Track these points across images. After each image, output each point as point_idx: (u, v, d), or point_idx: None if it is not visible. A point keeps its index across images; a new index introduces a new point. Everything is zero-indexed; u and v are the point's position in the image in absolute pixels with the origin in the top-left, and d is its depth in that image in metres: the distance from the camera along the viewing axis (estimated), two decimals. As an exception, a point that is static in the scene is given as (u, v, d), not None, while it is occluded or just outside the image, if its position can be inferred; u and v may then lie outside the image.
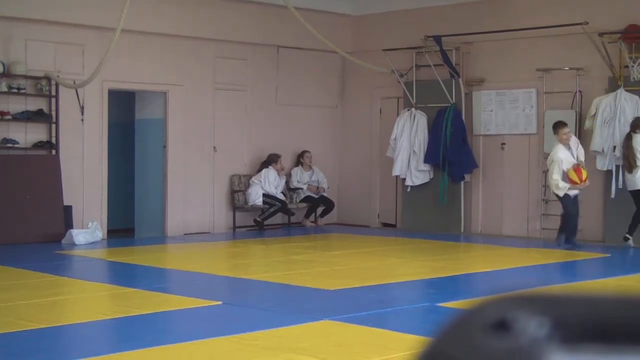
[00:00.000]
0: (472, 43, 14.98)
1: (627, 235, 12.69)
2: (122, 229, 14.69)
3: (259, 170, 15.33)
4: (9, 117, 12.93)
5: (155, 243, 13.82)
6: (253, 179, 15.27)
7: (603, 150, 13.14)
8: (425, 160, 15.14)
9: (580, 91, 13.84)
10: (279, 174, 15.39)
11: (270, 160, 15.34)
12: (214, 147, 15.10)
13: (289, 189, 15.95)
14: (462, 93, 14.96)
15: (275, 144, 15.73)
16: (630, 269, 10.84)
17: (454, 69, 14.84)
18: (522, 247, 13.00)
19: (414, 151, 15.14)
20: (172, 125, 14.63)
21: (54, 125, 13.30)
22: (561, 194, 12.40)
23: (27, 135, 13.18)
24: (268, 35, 15.53)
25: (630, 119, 12.92)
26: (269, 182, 15.19)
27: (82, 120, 13.67)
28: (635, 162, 12.50)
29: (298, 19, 13.47)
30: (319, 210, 16.22)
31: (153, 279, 9.84)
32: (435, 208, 15.19)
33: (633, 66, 13.06)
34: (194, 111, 14.84)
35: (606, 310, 0.76)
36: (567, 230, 12.65)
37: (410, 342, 6.03)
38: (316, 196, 16.03)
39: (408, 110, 15.39)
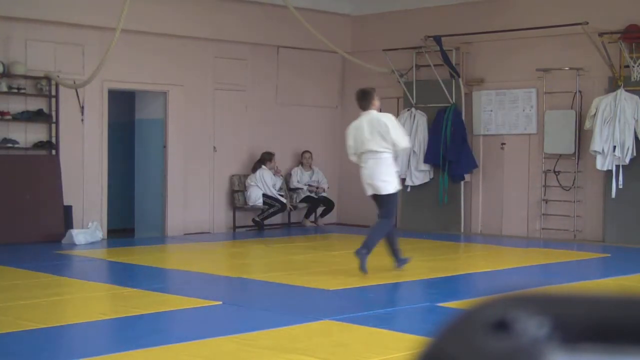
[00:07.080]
0: (472, 43, 14.97)
1: None
2: (122, 229, 14.69)
3: (253, 169, 15.26)
4: (9, 117, 12.93)
5: (155, 243, 13.81)
6: (248, 180, 15.20)
7: (603, 150, 13.13)
8: (425, 160, 15.13)
9: (580, 91, 13.83)
10: (274, 173, 15.35)
11: (264, 159, 15.28)
12: (214, 147, 15.09)
13: (289, 189, 15.94)
14: (462, 93, 14.95)
15: (275, 144, 15.72)
16: (630, 269, 10.82)
17: (454, 69, 14.84)
18: (522, 247, 13.00)
19: (414, 151, 15.13)
20: (172, 125, 14.63)
21: (54, 125, 13.30)
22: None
23: (27, 135, 13.17)
24: (268, 35, 15.52)
25: (630, 119, 12.92)
26: (266, 184, 15.16)
27: (82, 120, 13.67)
28: None
29: (298, 19, 13.46)
30: (319, 210, 16.21)
31: (153, 279, 9.84)
32: (435, 208, 15.18)
33: (634, 66, 13.05)
34: (194, 111, 14.83)
35: (606, 310, 0.76)
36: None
37: (410, 342, 6.03)
38: (316, 196, 16.02)
39: (408, 110, 15.38)
